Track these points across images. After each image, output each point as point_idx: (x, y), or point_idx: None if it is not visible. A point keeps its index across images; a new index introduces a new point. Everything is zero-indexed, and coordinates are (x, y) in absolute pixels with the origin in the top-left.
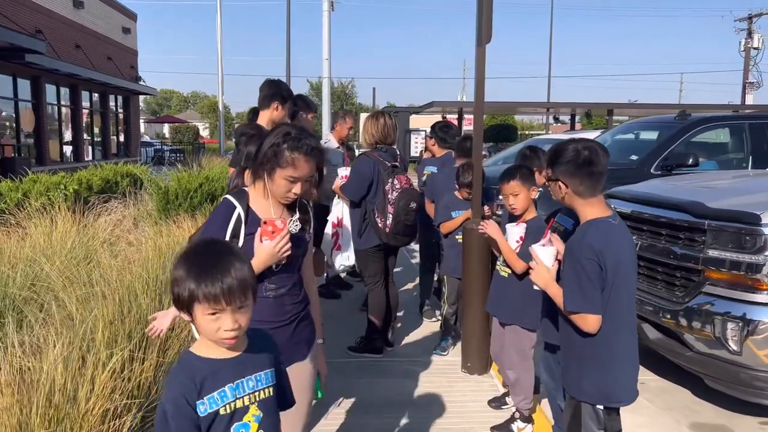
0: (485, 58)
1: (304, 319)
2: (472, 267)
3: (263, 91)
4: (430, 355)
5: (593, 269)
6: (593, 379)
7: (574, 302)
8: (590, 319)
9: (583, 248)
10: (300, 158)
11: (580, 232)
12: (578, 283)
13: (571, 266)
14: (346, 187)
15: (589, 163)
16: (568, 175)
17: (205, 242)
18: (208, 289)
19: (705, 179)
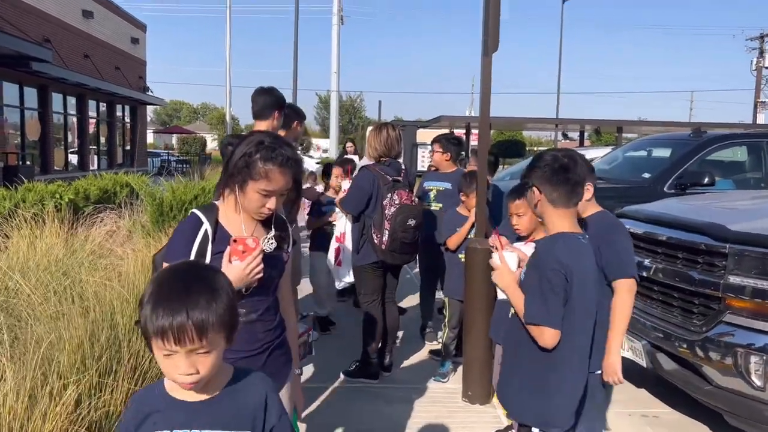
0: (491, 68)
1: (278, 347)
2: (475, 288)
3: (260, 100)
4: (430, 381)
5: (559, 282)
6: (535, 402)
7: (534, 313)
8: (548, 333)
9: (551, 259)
10: (274, 170)
11: (549, 243)
12: (541, 294)
13: (535, 276)
14: (345, 201)
15: (565, 169)
16: (543, 181)
17: (185, 266)
18: (158, 323)
19: (724, 199)
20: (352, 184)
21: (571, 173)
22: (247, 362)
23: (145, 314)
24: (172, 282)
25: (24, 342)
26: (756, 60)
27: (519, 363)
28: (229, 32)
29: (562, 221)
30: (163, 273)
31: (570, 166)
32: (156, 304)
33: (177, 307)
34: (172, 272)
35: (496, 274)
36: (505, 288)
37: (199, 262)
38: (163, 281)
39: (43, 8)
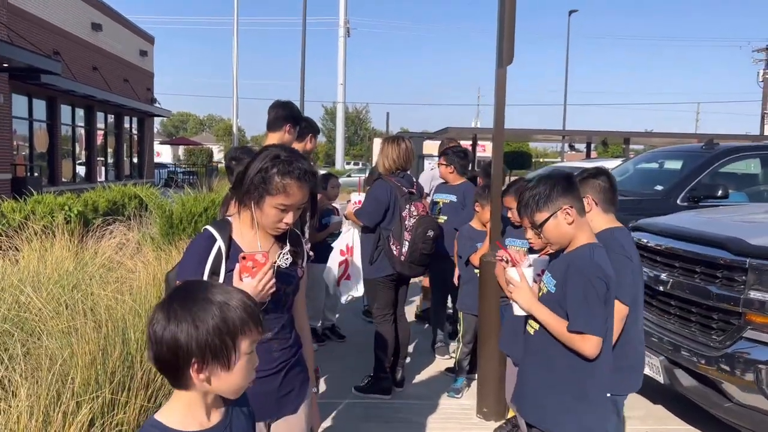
0: (506, 80)
1: (295, 365)
2: (490, 302)
3: (273, 112)
4: (443, 397)
5: (602, 289)
6: (576, 413)
7: (580, 321)
8: (594, 341)
9: (594, 268)
10: (292, 184)
11: (586, 252)
12: (586, 302)
13: (578, 284)
14: (361, 212)
15: (569, 177)
16: (569, 195)
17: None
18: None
19: (740, 212)
20: (368, 196)
21: (571, 177)
22: (263, 382)
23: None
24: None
25: (37, 357)
26: (762, 71)
27: (555, 377)
28: (236, 44)
29: (586, 233)
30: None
31: (565, 173)
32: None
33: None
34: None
35: (518, 291)
36: (529, 306)
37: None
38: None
39: (52, 21)
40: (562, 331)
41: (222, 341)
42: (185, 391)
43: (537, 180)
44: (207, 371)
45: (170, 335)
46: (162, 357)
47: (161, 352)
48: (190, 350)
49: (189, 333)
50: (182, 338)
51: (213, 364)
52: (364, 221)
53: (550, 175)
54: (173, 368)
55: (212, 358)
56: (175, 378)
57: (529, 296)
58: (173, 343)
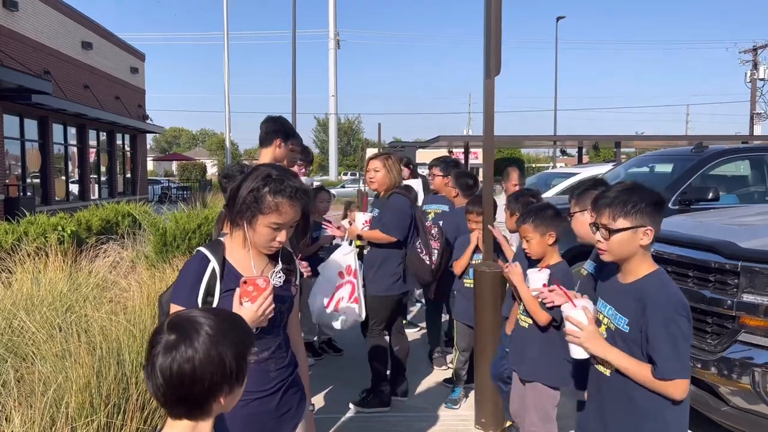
0: (494, 90)
1: (292, 384)
2: (486, 313)
3: (263, 128)
4: (441, 408)
5: (687, 327)
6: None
7: (670, 368)
8: (682, 386)
9: (676, 304)
10: (284, 202)
11: (657, 284)
12: (675, 345)
13: (662, 324)
14: (391, 228)
15: (663, 202)
16: (657, 217)
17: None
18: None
19: (732, 215)
20: (392, 209)
21: (665, 203)
22: (261, 403)
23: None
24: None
25: (30, 383)
26: (750, 72)
27: (639, 420)
28: (227, 59)
29: (649, 258)
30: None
31: (661, 196)
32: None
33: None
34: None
35: (589, 337)
36: (603, 353)
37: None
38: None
39: (42, 41)
40: (646, 378)
41: (244, 359)
42: (194, 420)
43: (635, 186)
44: (231, 393)
45: (201, 367)
46: (191, 392)
47: (189, 387)
48: (222, 377)
49: (218, 361)
50: (212, 368)
51: (235, 384)
52: (396, 236)
53: (647, 189)
54: (199, 400)
55: (236, 379)
56: (198, 407)
57: (602, 341)
58: (202, 375)
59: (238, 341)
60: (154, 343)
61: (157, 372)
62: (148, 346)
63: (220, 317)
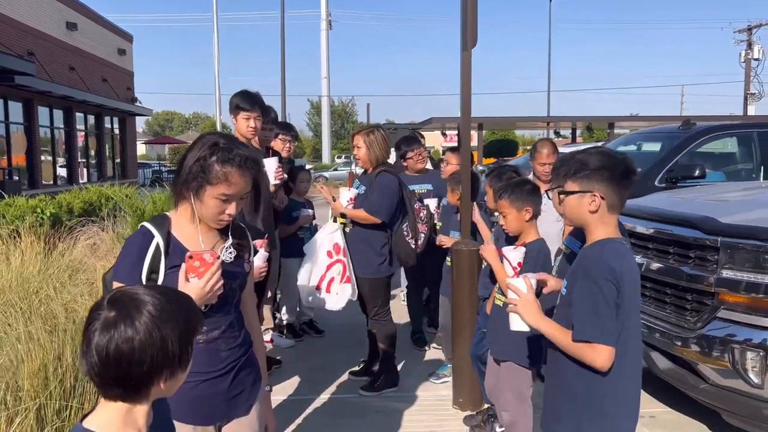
0: (471, 62)
1: (245, 365)
2: (463, 292)
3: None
4: (420, 389)
5: (611, 293)
6: (595, 429)
7: (586, 330)
8: (603, 351)
9: (602, 268)
10: (233, 172)
11: (596, 250)
12: (593, 308)
13: (585, 288)
14: (377, 209)
15: (630, 172)
16: (606, 184)
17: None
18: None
19: (715, 192)
20: (380, 189)
21: (633, 176)
22: (211, 385)
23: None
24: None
25: None
26: (744, 52)
27: (567, 391)
28: (217, 41)
29: (607, 228)
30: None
31: (631, 168)
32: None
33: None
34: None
35: (524, 305)
36: (536, 322)
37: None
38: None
39: (25, 21)
40: (567, 343)
41: (189, 342)
42: (130, 403)
43: (598, 151)
44: (172, 378)
45: (141, 349)
46: (129, 373)
47: (127, 369)
48: (164, 361)
49: (160, 344)
50: (154, 350)
51: (177, 368)
52: (382, 218)
53: (610, 155)
54: (137, 383)
55: (179, 363)
56: (135, 391)
57: (537, 311)
58: (142, 357)
59: (184, 323)
60: (92, 320)
61: (93, 350)
62: (85, 323)
63: (166, 296)
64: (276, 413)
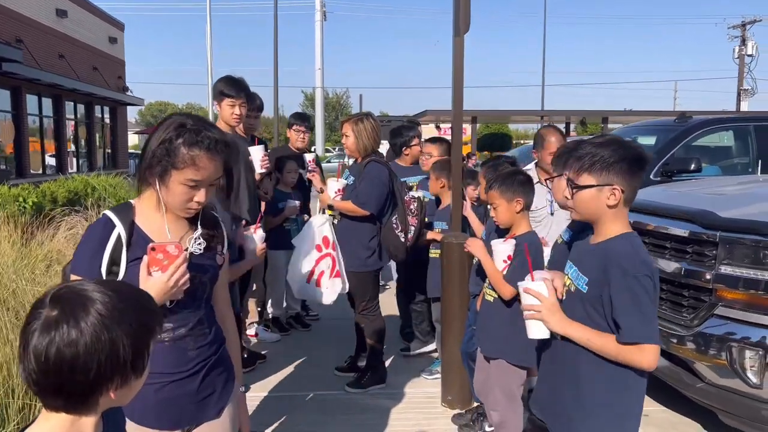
0: (463, 49)
1: (216, 365)
2: (453, 287)
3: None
4: (408, 385)
5: (651, 289)
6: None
7: (635, 331)
8: (650, 351)
9: (640, 264)
10: (201, 155)
11: (626, 246)
12: (639, 308)
13: (625, 287)
14: (366, 201)
15: (643, 165)
16: (629, 178)
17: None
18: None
19: (712, 185)
20: (369, 180)
21: (648, 162)
22: (178, 386)
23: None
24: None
25: None
26: (738, 48)
27: (588, 396)
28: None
29: (625, 220)
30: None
31: (644, 154)
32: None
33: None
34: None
35: (549, 311)
36: (563, 329)
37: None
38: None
39: (13, 7)
40: (611, 348)
41: (144, 347)
42: (75, 414)
43: (611, 141)
44: (125, 385)
45: (87, 354)
46: (72, 381)
47: (70, 376)
48: (113, 367)
49: (110, 348)
50: (101, 356)
51: (130, 375)
52: (370, 210)
53: (624, 145)
54: (82, 392)
55: (132, 369)
56: (81, 401)
57: (563, 316)
58: (88, 364)
59: (138, 324)
60: (31, 319)
61: (31, 354)
62: (24, 322)
63: (119, 293)
64: (258, 410)
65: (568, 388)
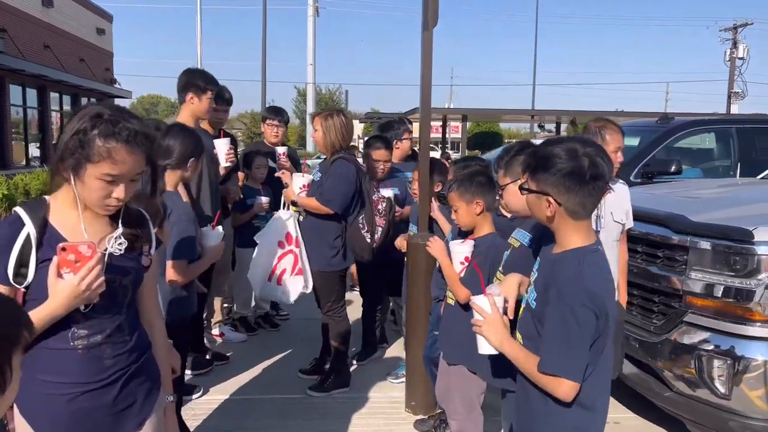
0: (432, 44)
1: (138, 374)
2: (419, 289)
3: (177, 83)
4: (372, 389)
5: (588, 321)
6: None
7: (554, 363)
8: (566, 386)
9: (580, 293)
10: (119, 148)
11: (571, 266)
12: (565, 340)
13: (558, 315)
14: (330, 199)
15: (596, 177)
16: (564, 190)
17: None
18: None
19: (688, 188)
20: (335, 177)
21: (601, 180)
22: (92, 396)
23: None
24: None
25: None
26: (729, 51)
27: (534, 416)
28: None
29: (580, 235)
30: None
31: (601, 171)
32: None
33: None
34: None
35: (490, 326)
36: (499, 344)
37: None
38: None
39: None
40: (532, 371)
41: (5, 360)
42: None
43: (564, 148)
44: None
45: None
46: None
47: None
48: None
49: None
50: None
51: None
52: (334, 208)
53: (575, 154)
54: None
55: None
56: None
57: (501, 331)
58: None
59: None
60: None
61: None
62: None
63: None
64: (214, 414)
65: (524, 401)
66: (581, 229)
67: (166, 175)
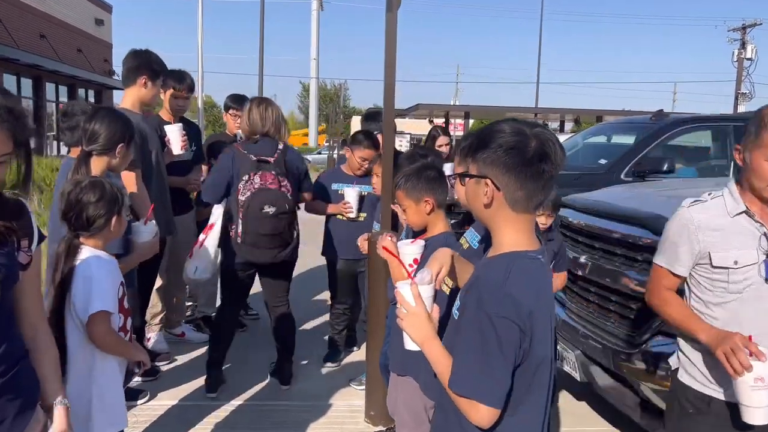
0: (396, 25)
1: (6, 389)
2: (377, 291)
3: (126, 63)
4: (334, 397)
5: (510, 336)
6: None
7: (465, 381)
8: (483, 411)
9: (502, 302)
10: None
11: (498, 272)
12: (481, 351)
13: (474, 325)
14: (203, 187)
15: (541, 157)
16: (504, 170)
17: None
18: None
19: (676, 187)
20: (214, 166)
21: (547, 162)
22: None
23: None
24: None
25: None
26: (737, 51)
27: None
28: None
29: (518, 233)
30: None
31: (547, 151)
32: None
33: None
34: None
35: (411, 318)
36: (421, 340)
37: None
38: None
39: None
40: (445, 383)
41: None
42: None
43: (509, 125)
44: None
45: None
46: None
47: None
48: None
49: None
50: None
51: None
52: (206, 197)
53: (520, 131)
54: None
55: None
56: None
57: (424, 326)
58: None
59: None
60: None
61: None
62: None
63: None
64: (157, 421)
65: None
66: (521, 226)
67: (92, 161)
